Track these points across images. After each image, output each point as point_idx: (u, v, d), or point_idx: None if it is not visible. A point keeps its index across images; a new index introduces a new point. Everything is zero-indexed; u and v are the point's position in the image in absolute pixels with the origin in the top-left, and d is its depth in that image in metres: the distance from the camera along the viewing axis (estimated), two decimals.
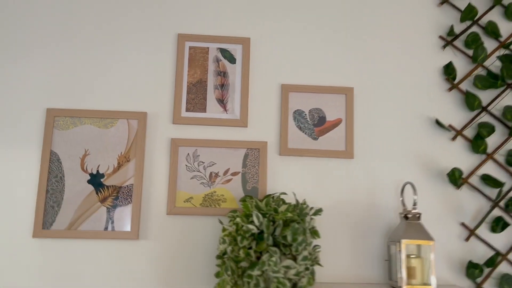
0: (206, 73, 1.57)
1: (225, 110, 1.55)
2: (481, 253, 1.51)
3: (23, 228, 1.42)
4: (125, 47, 1.57)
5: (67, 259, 1.42)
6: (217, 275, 1.26)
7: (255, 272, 1.20)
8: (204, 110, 1.55)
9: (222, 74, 1.58)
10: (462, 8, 1.64)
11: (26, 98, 1.50)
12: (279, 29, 1.62)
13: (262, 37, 1.61)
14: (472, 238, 1.53)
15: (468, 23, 1.66)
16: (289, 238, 1.25)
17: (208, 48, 1.59)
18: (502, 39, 1.66)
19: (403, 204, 1.45)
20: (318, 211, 1.35)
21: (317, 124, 1.57)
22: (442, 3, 1.67)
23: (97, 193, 1.45)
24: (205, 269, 1.44)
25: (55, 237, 1.42)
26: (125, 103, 1.53)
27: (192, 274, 1.43)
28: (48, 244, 1.42)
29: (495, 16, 1.69)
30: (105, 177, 1.46)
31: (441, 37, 1.66)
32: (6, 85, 1.50)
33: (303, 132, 1.56)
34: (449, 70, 1.61)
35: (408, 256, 1.36)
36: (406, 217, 1.40)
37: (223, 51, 1.59)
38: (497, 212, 1.54)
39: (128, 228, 1.43)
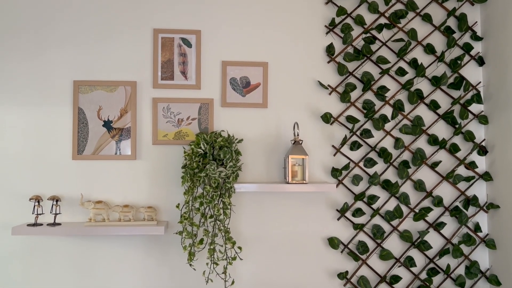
0: (173, 54, 2.45)
1: (186, 78, 2.45)
2: (343, 163, 2.51)
3: (65, 154, 2.37)
4: (120, 38, 2.42)
5: (93, 172, 2.38)
6: (182, 178, 2.24)
7: (202, 174, 2.18)
8: (172, 79, 2.44)
9: (183, 55, 2.46)
10: (342, 6, 2.51)
11: (61, 73, 2.37)
12: (220, 23, 2.48)
13: (209, 29, 2.48)
14: (338, 154, 2.51)
15: (343, 16, 2.53)
16: (221, 156, 2.22)
17: (173, 37, 2.46)
18: (366, 26, 2.54)
19: (294, 135, 2.40)
20: (240, 141, 2.32)
21: (245, 86, 2.48)
22: (327, 2, 2.54)
23: (109, 132, 2.39)
24: (176, 175, 2.41)
25: (85, 159, 2.37)
26: (122, 76, 2.41)
27: (168, 178, 2.40)
28: (81, 163, 2.38)
29: (364, 9, 2.56)
30: (113, 122, 2.39)
31: (326, 26, 2.54)
32: (47, 65, 2.37)
33: (235, 91, 2.48)
34: (329, 49, 2.51)
35: (293, 165, 2.34)
36: (294, 142, 2.36)
37: (183, 40, 2.46)
38: (354, 138, 2.52)
39: (129, 152, 2.39)
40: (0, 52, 2.34)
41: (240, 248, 2.28)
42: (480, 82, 2.58)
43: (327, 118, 2.46)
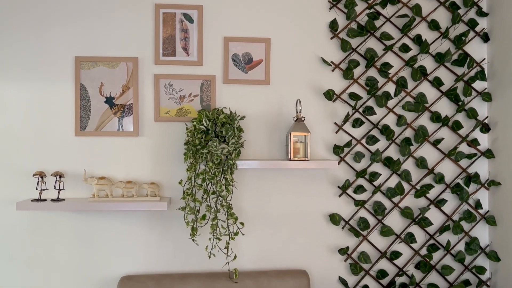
0: (174, 30, 2.43)
1: (188, 54, 2.44)
2: (345, 140, 2.51)
3: (68, 131, 2.37)
4: (121, 14, 2.39)
5: (96, 148, 2.39)
6: (185, 154, 2.25)
7: (204, 151, 2.19)
8: (174, 55, 2.43)
9: (184, 30, 2.43)
10: None
11: (62, 49, 2.35)
12: None
13: (211, 5, 2.44)
14: (340, 131, 2.51)
15: None
16: (224, 133, 2.22)
17: (175, 13, 2.43)
18: (370, 1, 2.51)
19: (296, 112, 2.39)
20: (242, 117, 2.32)
21: (247, 62, 2.47)
22: None
23: (111, 109, 2.38)
24: (178, 151, 2.42)
25: (88, 135, 2.37)
26: (123, 52, 2.39)
27: (171, 154, 2.42)
28: (84, 140, 2.38)
29: None
30: (115, 99, 2.39)
31: (329, 1, 2.50)
32: (49, 41, 2.36)
33: (238, 68, 2.46)
34: (333, 25, 2.48)
35: (295, 142, 2.34)
36: (296, 119, 2.36)
37: (185, 15, 2.43)
38: (357, 115, 2.51)
39: (131, 129, 2.39)
40: (1, 29, 2.32)
41: (242, 223, 2.30)
42: (484, 59, 2.55)
43: (329, 95, 2.45)
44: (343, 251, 2.46)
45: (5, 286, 2.32)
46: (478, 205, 2.51)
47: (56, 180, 2.26)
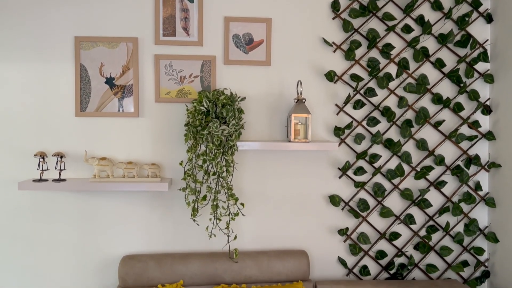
0: (175, 10, 2.40)
1: (188, 35, 2.42)
2: (345, 122, 2.51)
3: (69, 111, 2.37)
4: None
5: (96, 129, 2.39)
6: (185, 135, 2.25)
7: (205, 132, 2.19)
8: (174, 35, 2.41)
9: (185, 10, 2.41)
10: None
11: (62, 29, 2.34)
12: None
13: None
14: (341, 113, 2.50)
15: None
16: (224, 114, 2.22)
17: None
18: None
19: (297, 93, 2.38)
20: (243, 99, 2.31)
21: (248, 43, 2.45)
22: None
23: (111, 89, 2.38)
24: (179, 133, 2.42)
25: (88, 116, 2.37)
26: (123, 32, 2.38)
27: (171, 135, 2.42)
28: (84, 120, 2.38)
29: None
30: (115, 79, 2.38)
31: None
32: (48, 21, 2.34)
33: (238, 48, 2.44)
34: (334, 5, 2.45)
35: (296, 123, 2.34)
36: (297, 101, 2.35)
37: None
38: (358, 97, 2.50)
39: (132, 110, 2.39)
40: (1, 9, 2.30)
41: (242, 204, 2.32)
42: (487, 40, 2.53)
43: (331, 76, 2.44)
44: (342, 232, 2.48)
45: (8, 265, 2.35)
46: (478, 187, 2.52)
47: (57, 161, 2.27)
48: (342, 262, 2.51)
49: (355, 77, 2.46)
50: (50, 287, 2.38)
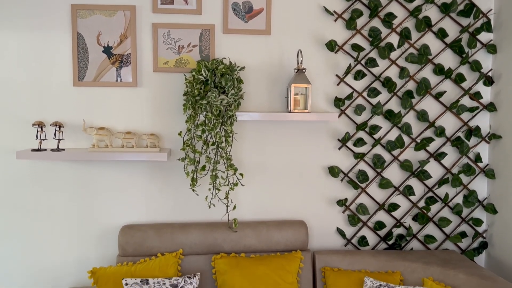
0: None
1: (186, 2, 2.37)
2: (346, 92, 2.48)
3: (66, 81, 2.34)
4: None
5: (95, 99, 2.36)
6: (184, 105, 2.23)
7: (204, 101, 2.17)
8: (172, 3, 2.36)
9: None
10: None
11: None
12: None
13: None
14: (341, 84, 2.48)
15: None
16: (223, 83, 2.19)
17: None
18: None
19: (297, 63, 2.35)
20: (242, 68, 2.28)
21: (247, 11, 2.40)
22: None
23: (109, 59, 2.35)
24: (177, 103, 2.39)
25: (86, 86, 2.34)
26: (121, 0, 2.33)
27: (170, 105, 2.40)
28: (82, 90, 2.35)
29: None
30: (113, 48, 2.34)
31: None
32: None
33: (238, 17, 2.40)
34: None
35: (296, 94, 2.32)
36: (297, 71, 2.32)
37: None
38: (359, 67, 2.47)
39: (130, 80, 2.36)
40: None
41: (241, 174, 2.31)
42: (491, 10, 2.48)
43: (331, 46, 2.40)
44: (341, 202, 2.48)
45: (8, 233, 2.37)
46: (478, 158, 2.51)
47: (55, 130, 2.25)
48: (341, 232, 2.52)
49: (356, 47, 2.42)
50: (50, 256, 2.40)
